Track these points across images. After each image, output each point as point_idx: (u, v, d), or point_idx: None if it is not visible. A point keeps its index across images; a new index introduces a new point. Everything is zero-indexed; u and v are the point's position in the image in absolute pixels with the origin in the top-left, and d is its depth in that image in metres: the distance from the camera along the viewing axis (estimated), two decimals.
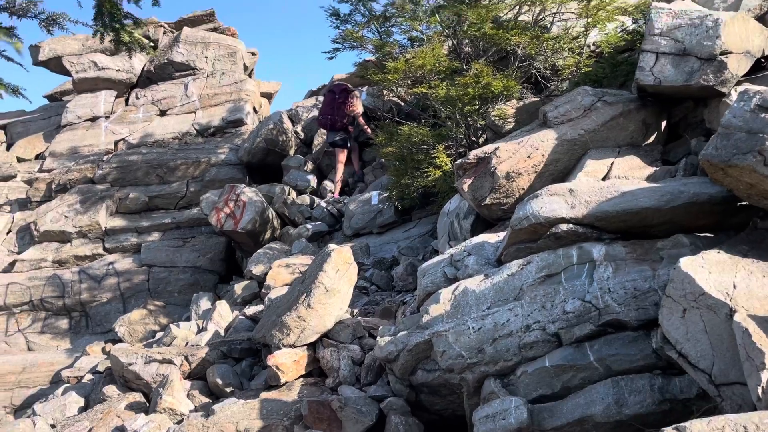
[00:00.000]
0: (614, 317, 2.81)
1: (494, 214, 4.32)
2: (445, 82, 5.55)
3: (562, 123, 4.35)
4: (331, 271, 4.04)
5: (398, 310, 4.42)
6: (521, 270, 3.11)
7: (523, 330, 2.93)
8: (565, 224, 3.10)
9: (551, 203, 3.16)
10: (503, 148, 4.29)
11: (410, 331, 3.36)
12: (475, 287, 3.20)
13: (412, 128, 5.87)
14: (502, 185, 4.18)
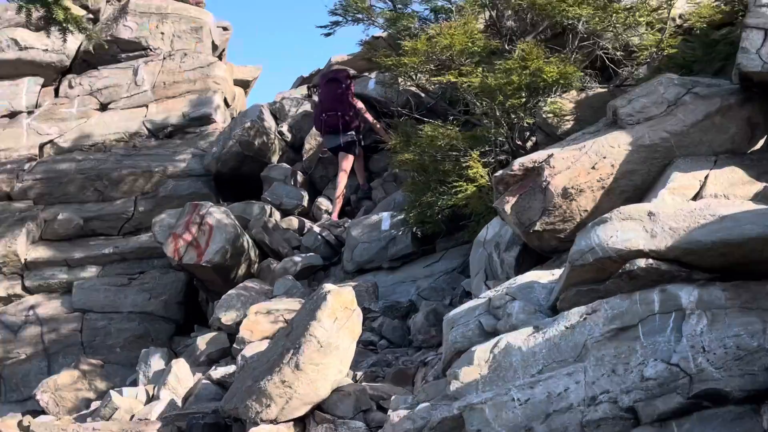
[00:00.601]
0: (711, 386, 2.79)
1: (547, 245, 4.32)
2: (481, 67, 5.60)
3: (639, 123, 4.37)
4: (326, 320, 4.05)
5: (417, 373, 4.40)
6: (584, 321, 3.11)
7: (587, 402, 2.92)
8: (644, 259, 3.10)
9: (624, 231, 3.17)
10: (559, 156, 4.31)
11: (434, 402, 3.35)
12: (522, 344, 3.20)
13: (436, 128, 5.92)
14: (557, 205, 4.19)
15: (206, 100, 10.50)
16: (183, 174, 9.41)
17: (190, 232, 7.12)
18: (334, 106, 8.25)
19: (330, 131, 8.28)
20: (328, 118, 8.25)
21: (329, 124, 8.26)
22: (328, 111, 8.27)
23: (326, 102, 8.35)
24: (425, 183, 5.99)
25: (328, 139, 8.38)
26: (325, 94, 8.44)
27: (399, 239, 6.57)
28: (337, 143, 8.26)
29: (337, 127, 8.23)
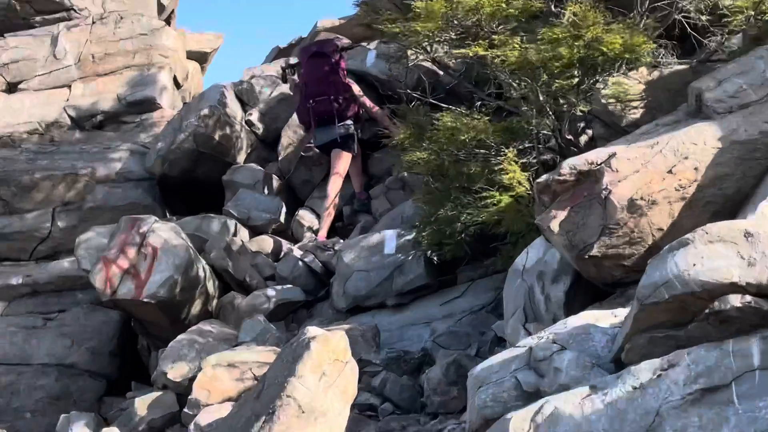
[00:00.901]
0: None
1: (607, 275, 4.31)
2: (519, 36, 5.61)
3: (732, 111, 4.36)
4: (309, 375, 4.03)
5: None
6: (658, 379, 3.09)
7: None
8: (739, 295, 3.09)
9: (712, 257, 3.16)
10: (624, 155, 4.31)
11: None
12: (574, 410, 3.18)
13: (458, 118, 5.93)
14: (621, 222, 4.19)
15: (149, 78, 10.57)
16: (118, 178, 9.44)
17: (126, 256, 7.12)
18: (323, 89, 8.30)
19: (320, 122, 8.31)
20: (317, 105, 8.30)
21: (319, 113, 8.32)
22: (316, 96, 8.33)
23: (312, 84, 8.40)
24: (443, 191, 5.99)
25: (318, 132, 8.42)
26: (310, 74, 8.47)
27: (408, 267, 6.56)
28: (331, 137, 8.29)
29: (329, 116, 8.26)
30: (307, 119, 8.48)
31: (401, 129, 6.51)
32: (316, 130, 8.45)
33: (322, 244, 7.73)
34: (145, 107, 10.36)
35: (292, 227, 8.54)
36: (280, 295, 7.15)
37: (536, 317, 4.66)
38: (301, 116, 8.61)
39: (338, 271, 6.94)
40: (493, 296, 6.02)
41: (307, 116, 8.46)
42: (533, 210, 4.98)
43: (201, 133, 9.10)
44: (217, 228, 8.16)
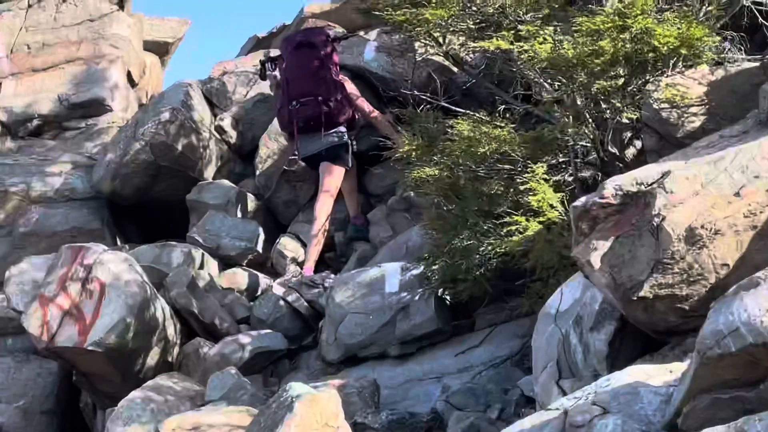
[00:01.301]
0: None
1: (660, 321, 4.30)
2: (552, 26, 5.63)
3: None
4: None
5: None
6: None
7: None
8: None
9: None
10: (680, 174, 4.31)
11: None
12: None
13: (476, 125, 5.94)
14: (678, 256, 4.18)
15: (97, 74, 10.61)
16: (58, 197, 9.45)
17: (67, 294, 7.11)
18: (309, 88, 8.31)
19: (305, 129, 8.30)
20: (302, 108, 8.32)
21: (304, 118, 8.32)
22: (301, 96, 8.34)
23: (296, 82, 8.42)
24: (458, 216, 5.99)
25: (303, 142, 8.41)
26: (294, 70, 8.47)
27: (415, 309, 6.57)
28: (317, 148, 8.30)
29: (317, 122, 8.25)
30: (290, 125, 8.47)
31: (407, 139, 6.52)
32: (300, 139, 8.43)
33: (308, 280, 7.73)
34: (91, 110, 10.40)
35: (273, 258, 8.55)
36: (257, 343, 7.15)
37: (572, 372, 4.65)
38: (282, 121, 8.62)
39: (328, 313, 6.93)
40: (519, 346, 6.01)
41: (289, 121, 8.45)
42: (568, 240, 4.97)
43: (160, 142, 9.12)
44: (179, 259, 8.16)
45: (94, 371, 7.31)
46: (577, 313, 4.76)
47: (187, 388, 6.68)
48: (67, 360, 7.35)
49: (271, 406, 4.34)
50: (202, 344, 7.33)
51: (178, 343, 7.50)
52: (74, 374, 7.68)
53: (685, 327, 4.23)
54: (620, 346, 4.51)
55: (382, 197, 8.79)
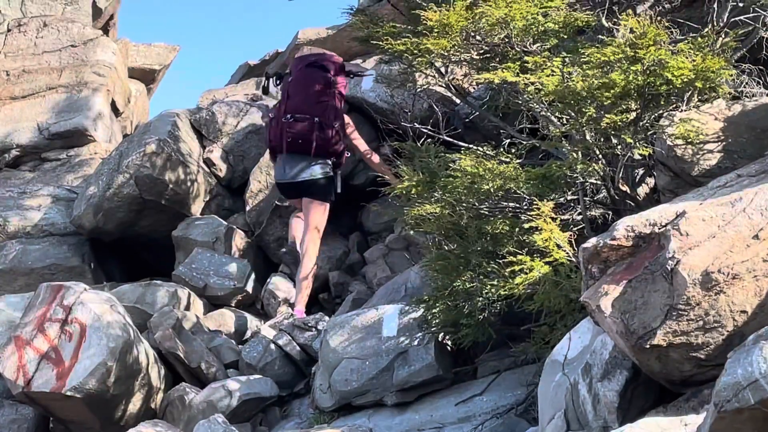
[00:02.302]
0: None
1: (675, 371, 4.29)
2: (560, 57, 5.65)
3: None
4: None
5: None
6: None
7: None
8: None
9: None
10: (696, 215, 4.31)
11: None
12: None
13: (480, 161, 5.95)
14: (693, 302, 4.18)
15: (80, 103, 10.64)
16: (36, 232, 9.45)
17: (45, 335, 7.11)
18: (309, 107, 8.28)
19: (292, 145, 8.24)
20: (295, 123, 8.24)
21: (295, 132, 8.22)
22: (298, 111, 8.29)
23: (298, 97, 8.38)
24: (460, 256, 5.99)
25: (287, 163, 8.31)
26: (299, 85, 8.46)
27: (414, 354, 6.55)
28: (302, 177, 8.25)
29: (307, 143, 8.20)
30: (278, 139, 8.35)
31: (406, 174, 6.52)
32: (285, 159, 8.36)
33: (301, 323, 7.72)
34: (73, 140, 10.42)
35: (263, 299, 8.55)
36: (246, 389, 7.12)
37: (581, 424, 4.64)
38: (272, 135, 8.44)
39: (322, 357, 6.91)
40: (525, 394, 5.99)
41: (279, 135, 8.33)
42: (577, 282, 4.96)
43: (146, 175, 9.14)
44: (164, 299, 8.16)
45: (72, 418, 7.29)
46: (587, 360, 4.75)
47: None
48: (44, 406, 7.33)
49: None
50: (187, 390, 7.29)
51: (162, 388, 7.48)
52: (51, 421, 7.66)
53: (701, 377, 4.22)
54: (632, 396, 4.49)
55: (380, 235, 8.81)
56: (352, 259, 8.90)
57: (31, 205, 9.61)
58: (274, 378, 7.32)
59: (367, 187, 8.76)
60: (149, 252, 9.43)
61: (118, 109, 11.24)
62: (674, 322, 4.22)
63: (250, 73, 12.30)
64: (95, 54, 10.92)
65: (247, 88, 11.02)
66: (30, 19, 11.12)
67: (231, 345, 7.80)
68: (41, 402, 7.23)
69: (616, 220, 4.64)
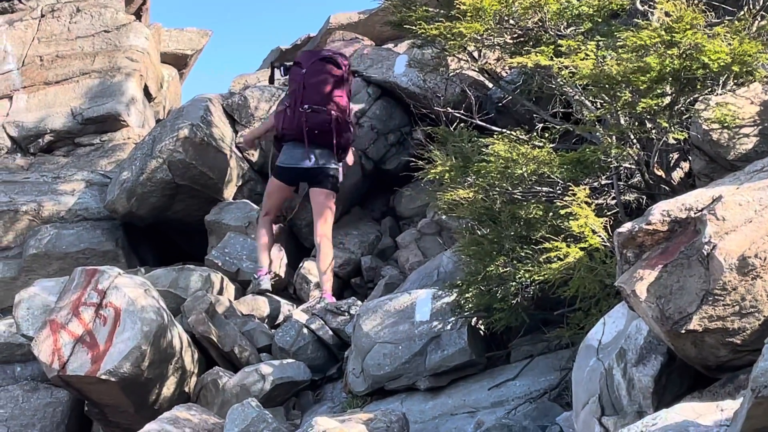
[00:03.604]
0: None
1: (711, 356, 4.27)
2: (594, 41, 5.62)
3: None
4: None
5: None
6: None
7: None
8: None
9: None
10: (732, 199, 4.29)
11: None
12: None
13: (513, 145, 5.94)
14: (729, 286, 4.16)
15: (113, 88, 10.67)
16: (70, 216, 9.49)
17: (80, 319, 7.14)
18: (325, 99, 8.43)
19: (311, 138, 8.37)
20: (313, 114, 8.38)
21: (313, 125, 8.36)
22: (316, 103, 8.43)
23: (315, 87, 8.51)
24: (494, 241, 5.99)
25: (303, 152, 8.42)
26: (316, 77, 8.58)
27: (447, 339, 6.55)
28: (319, 165, 8.39)
29: (326, 135, 8.36)
30: (295, 127, 8.43)
31: (440, 159, 6.52)
32: (292, 146, 8.50)
33: (334, 307, 7.73)
34: (106, 125, 10.45)
35: (295, 283, 8.56)
36: (279, 373, 7.15)
37: (616, 409, 4.62)
38: (286, 123, 8.52)
39: (355, 342, 6.93)
40: (558, 379, 5.99)
41: (297, 125, 8.41)
42: (611, 268, 4.95)
43: (178, 160, 9.15)
44: (197, 283, 8.17)
45: (106, 401, 7.32)
46: (621, 345, 4.74)
47: (205, 421, 6.67)
48: (78, 389, 7.36)
49: None
50: (220, 374, 7.32)
51: (195, 372, 7.51)
52: (86, 404, 7.70)
53: (737, 362, 4.20)
54: (667, 382, 4.48)
55: (412, 219, 8.81)
56: (385, 243, 8.89)
57: (65, 190, 9.64)
58: (306, 362, 7.34)
59: (400, 172, 8.77)
60: (182, 236, 9.46)
61: (151, 94, 11.26)
62: (710, 307, 4.20)
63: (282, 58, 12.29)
64: (128, 39, 10.94)
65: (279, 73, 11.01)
66: (63, 4, 11.14)
67: (264, 329, 7.81)
68: (76, 385, 7.26)
69: (650, 204, 4.62)
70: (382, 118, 9.23)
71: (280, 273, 8.57)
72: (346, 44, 10.22)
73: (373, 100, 9.32)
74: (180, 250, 9.41)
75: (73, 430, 8.19)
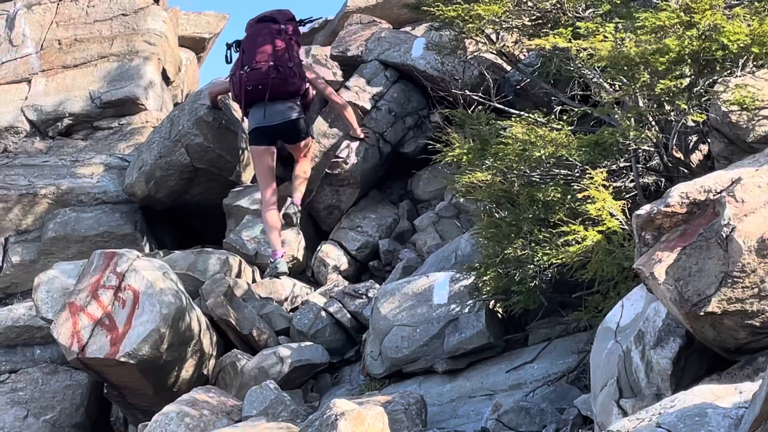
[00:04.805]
0: None
1: (729, 338, 4.26)
2: (613, 23, 5.61)
3: None
4: None
5: None
6: None
7: None
8: None
9: None
10: (751, 181, 4.28)
11: None
12: None
13: (531, 128, 5.93)
14: (748, 269, 4.14)
15: (131, 71, 10.68)
16: (89, 199, 9.52)
17: (99, 302, 7.16)
18: (262, 55, 8.64)
19: (254, 95, 8.60)
20: (252, 72, 8.60)
21: (254, 80, 8.57)
22: (253, 62, 8.64)
23: (251, 50, 8.74)
24: (512, 223, 5.98)
25: (260, 112, 8.64)
26: (252, 40, 8.83)
27: (465, 321, 6.56)
28: (282, 119, 8.61)
29: (267, 85, 8.52)
30: (239, 90, 8.67)
31: (458, 141, 6.51)
32: (252, 110, 8.70)
33: (352, 290, 7.74)
34: (125, 109, 10.46)
35: (313, 266, 8.57)
36: (297, 356, 7.18)
37: (634, 391, 4.62)
38: (236, 90, 8.78)
39: (373, 325, 6.94)
40: (576, 362, 5.99)
41: (239, 87, 8.65)
42: (630, 251, 4.94)
43: (197, 144, 9.16)
44: (215, 266, 8.19)
45: (126, 384, 7.35)
46: (639, 328, 4.73)
47: (223, 403, 6.70)
48: (97, 371, 7.40)
49: (314, 423, 4.34)
50: (239, 356, 7.35)
51: (214, 355, 7.54)
52: (105, 386, 7.74)
53: (755, 345, 4.19)
54: (686, 364, 4.48)
55: (430, 203, 8.80)
56: (402, 226, 8.89)
57: (83, 174, 9.66)
58: (324, 345, 7.36)
59: (418, 155, 8.76)
60: (200, 220, 9.47)
61: (169, 77, 11.27)
62: (729, 290, 4.19)
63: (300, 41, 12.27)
64: (146, 23, 10.94)
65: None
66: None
67: (282, 312, 7.83)
68: (95, 368, 7.29)
69: (669, 187, 4.60)
70: (400, 101, 9.22)
71: (298, 256, 8.58)
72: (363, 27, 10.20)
73: (390, 84, 9.30)
74: (198, 234, 9.43)
75: (92, 412, 8.24)
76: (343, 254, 8.50)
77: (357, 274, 8.61)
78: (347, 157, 8.78)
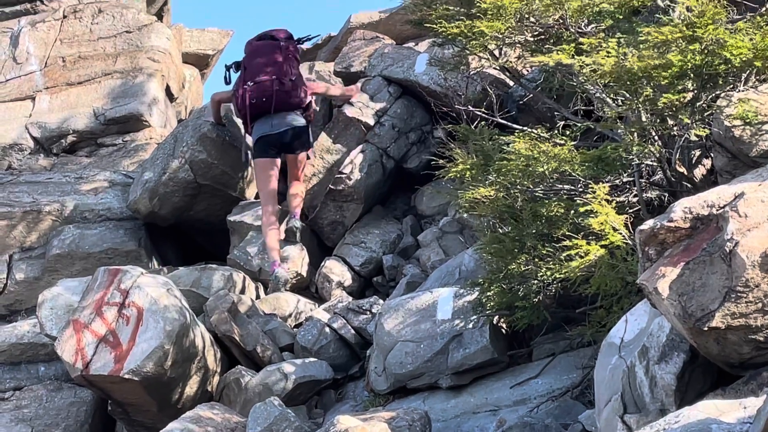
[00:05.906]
0: None
1: (733, 353, 4.26)
2: (616, 37, 5.61)
3: None
4: None
5: None
6: None
7: None
8: None
9: None
10: (755, 196, 4.27)
11: None
12: None
13: (534, 143, 5.93)
14: (751, 283, 4.14)
15: (135, 88, 10.70)
16: (93, 216, 9.52)
17: (103, 319, 7.16)
18: (265, 71, 8.68)
19: (257, 105, 8.60)
20: (255, 86, 8.63)
21: (258, 93, 8.59)
22: (256, 76, 8.68)
23: (254, 66, 8.77)
24: (515, 239, 5.97)
25: (266, 124, 8.65)
26: (253, 57, 8.87)
27: (469, 337, 6.55)
28: (286, 127, 8.63)
29: (270, 97, 8.56)
30: (243, 105, 8.67)
31: (461, 157, 6.52)
32: (256, 125, 8.70)
33: (355, 306, 7.75)
34: (129, 126, 10.47)
35: (317, 282, 8.56)
36: (301, 372, 7.17)
37: (638, 407, 4.61)
38: (239, 105, 8.77)
39: (377, 341, 6.93)
40: (580, 377, 5.97)
41: (242, 102, 8.66)
42: (633, 265, 4.94)
43: (200, 160, 9.18)
44: (219, 283, 8.20)
45: (130, 400, 7.35)
46: (644, 343, 4.73)
47: (227, 419, 6.69)
48: (102, 388, 7.38)
49: None
50: (243, 373, 7.34)
51: (218, 371, 7.53)
52: (109, 403, 7.73)
53: (759, 359, 4.18)
54: (690, 379, 4.47)
55: (434, 218, 8.80)
56: (406, 242, 8.89)
57: (87, 190, 9.67)
58: (329, 361, 7.35)
59: (421, 171, 8.76)
60: (204, 236, 9.47)
61: (173, 94, 11.29)
62: (733, 304, 4.18)
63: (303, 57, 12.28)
64: (150, 40, 10.96)
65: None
66: (85, 5, 11.17)
67: (286, 328, 7.83)
68: (99, 385, 7.28)
69: (672, 202, 4.61)
70: (403, 117, 9.22)
71: (302, 272, 8.58)
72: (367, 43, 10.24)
73: (394, 99, 9.31)
74: (202, 250, 9.43)
75: (96, 429, 8.22)
76: (347, 270, 8.50)
77: (361, 290, 8.61)
78: (350, 174, 8.80)
